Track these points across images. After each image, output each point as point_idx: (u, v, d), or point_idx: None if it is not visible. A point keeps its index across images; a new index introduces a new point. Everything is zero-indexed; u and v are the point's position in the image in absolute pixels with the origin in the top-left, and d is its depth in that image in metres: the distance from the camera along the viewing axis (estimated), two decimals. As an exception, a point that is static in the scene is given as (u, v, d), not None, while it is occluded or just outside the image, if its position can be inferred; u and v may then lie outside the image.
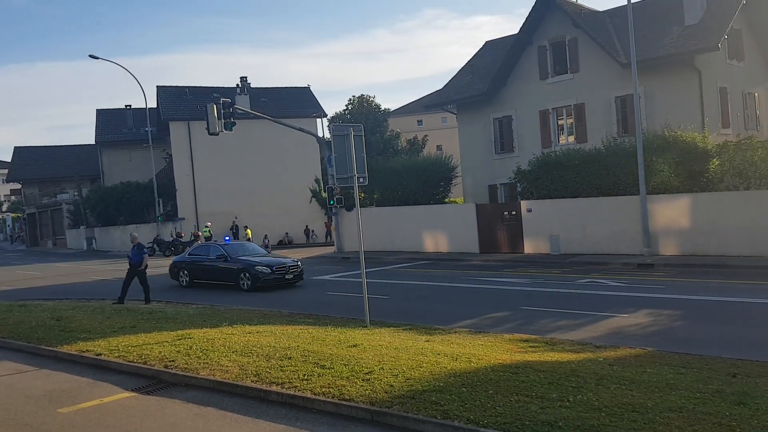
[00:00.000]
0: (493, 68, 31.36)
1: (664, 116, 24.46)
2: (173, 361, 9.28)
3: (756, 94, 29.07)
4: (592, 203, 23.12)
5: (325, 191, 31.71)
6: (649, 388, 7.11)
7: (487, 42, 35.83)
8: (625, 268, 20.04)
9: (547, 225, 24.30)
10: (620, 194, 22.56)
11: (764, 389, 7.05)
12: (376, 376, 7.84)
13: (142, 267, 16.78)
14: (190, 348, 9.96)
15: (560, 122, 29.48)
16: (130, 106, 51.09)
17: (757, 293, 14.16)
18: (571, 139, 28.70)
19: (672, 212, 21.33)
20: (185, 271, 21.45)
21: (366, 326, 11.69)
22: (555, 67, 29.19)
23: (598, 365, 8.31)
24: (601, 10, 30.44)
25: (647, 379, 7.52)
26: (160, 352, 9.82)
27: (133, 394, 8.43)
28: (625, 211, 22.12)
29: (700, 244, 20.55)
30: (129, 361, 9.60)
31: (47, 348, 10.99)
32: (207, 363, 9.03)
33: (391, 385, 7.43)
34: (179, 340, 10.69)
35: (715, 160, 21.67)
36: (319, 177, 37.81)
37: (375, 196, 32.79)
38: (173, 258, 25.07)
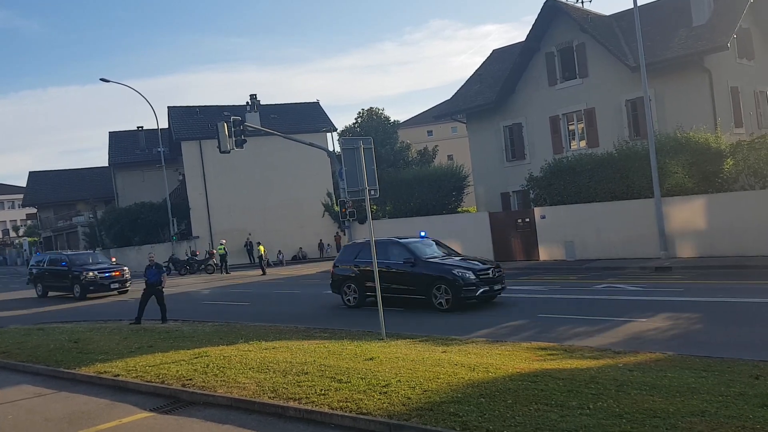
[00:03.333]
0: (501, 76, 31.41)
1: (676, 118, 24.33)
2: (191, 379, 9.29)
3: (768, 93, 28.84)
4: (607, 208, 22.98)
5: (337, 205, 31.80)
6: (670, 392, 7.01)
7: (494, 50, 35.90)
8: (642, 271, 19.86)
9: (561, 231, 24.17)
10: (634, 198, 22.43)
11: (788, 391, 6.92)
12: (393, 388, 7.80)
13: (161, 286, 16.87)
14: (207, 366, 9.96)
15: (571, 128, 29.40)
16: (142, 127, 51.60)
17: (778, 293, 13.97)
18: (583, 144, 28.61)
19: (688, 214, 21.15)
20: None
21: (382, 339, 11.64)
22: (564, 72, 29.16)
23: (618, 371, 8.21)
24: (607, 14, 30.43)
25: (668, 383, 7.41)
26: (177, 371, 9.83)
27: (152, 414, 8.43)
28: (640, 215, 21.96)
29: (718, 245, 20.35)
30: (147, 381, 9.61)
31: (66, 370, 11.03)
32: (224, 381, 9.02)
33: (409, 398, 7.38)
34: (196, 358, 10.70)
35: (729, 160, 21.49)
36: (331, 191, 37.91)
37: (387, 207, 32.81)
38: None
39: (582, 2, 30.78)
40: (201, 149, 42.59)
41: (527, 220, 25.48)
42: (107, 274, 26.10)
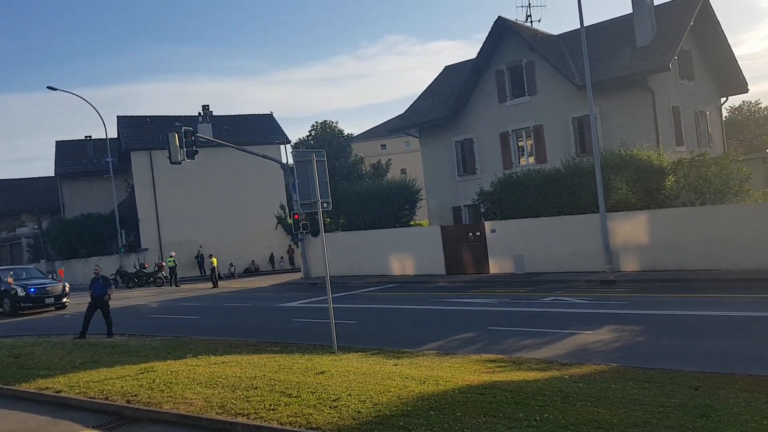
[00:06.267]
0: (453, 92, 31.85)
1: (620, 135, 25.08)
2: (136, 395, 9.09)
3: (707, 113, 30.01)
4: (554, 222, 23.45)
5: (290, 217, 31.61)
6: (613, 404, 7.18)
7: (446, 67, 36.38)
8: (588, 285, 20.31)
9: (511, 245, 24.55)
10: (581, 213, 22.93)
11: (726, 401, 7.17)
12: (343, 402, 7.79)
13: (106, 299, 16.45)
14: (154, 381, 9.76)
15: (520, 144, 29.99)
16: (90, 136, 50.39)
17: (716, 306, 14.48)
18: (532, 160, 29.20)
19: (631, 229, 21.74)
20: None
21: (334, 352, 11.62)
22: (513, 90, 29.77)
23: (564, 383, 8.37)
24: (555, 34, 31.22)
25: (612, 395, 7.59)
26: (122, 387, 9.60)
27: (95, 431, 8.21)
28: (586, 229, 22.47)
29: (660, 259, 20.97)
30: (90, 398, 9.36)
31: (5, 387, 10.64)
32: (171, 396, 8.85)
33: (359, 412, 7.38)
34: (142, 373, 10.48)
35: (670, 177, 22.24)
36: (285, 203, 37.69)
37: (341, 220, 32.80)
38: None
39: (531, 22, 31.64)
40: (151, 160, 41.83)
41: (478, 233, 25.81)
42: None
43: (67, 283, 25.77)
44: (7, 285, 24.23)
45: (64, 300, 24.83)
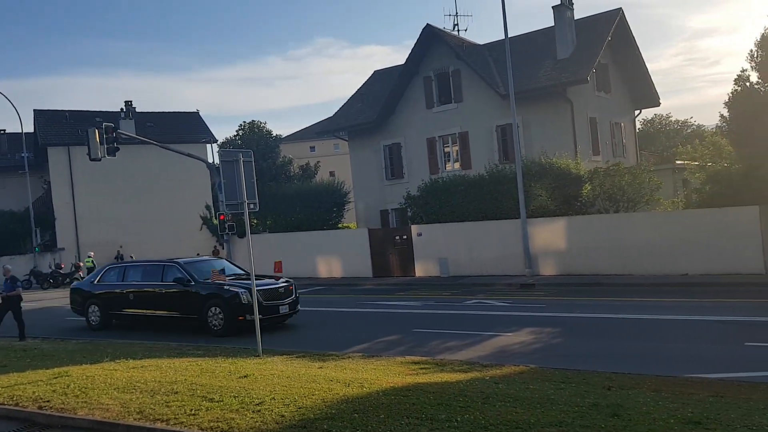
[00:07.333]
0: (382, 97, 32.12)
1: (541, 144, 25.93)
2: (48, 401, 8.74)
3: (622, 124, 31.42)
4: (478, 227, 23.98)
5: (216, 218, 31.05)
6: (531, 404, 7.39)
7: (375, 71, 36.63)
8: (509, 288, 20.89)
9: (436, 248, 24.94)
10: (503, 218, 23.54)
11: (636, 400, 7.48)
12: (267, 406, 7.74)
13: (15, 295, 15.72)
14: (68, 386, 9.41)
15: (446, 149, 30.54)
16: (4, 130, 47.99)
17: (628, 309, 15.18)
18: (457, 165, 29.78)
19: (550, 234, 22.50)
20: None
21: (258, 355, 11.51)
22: (440, 96, 30.29)
23: (485, 384, 8.57)
24: (481, 43, 31.96)
25: (530, 395, 7.81)
26: (33, 393, 9.21)
27: (4, 440, 7.86)
28: (508, 234, 23.10)
29: (576, 264, 21.80)
30: (-1, 404, 8.94)
31: None
32: (86, 402, 8.56)
33: (283, 416, 7.36)
34: (56, 378, 10.08)
35: (587, 185, 23.16)
36: (210, 204, 36.98)
37: (268, 222, 32.50)
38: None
39: (458, 31, 32.37)
40: (69, 156, 40.13)
41: (404, 237, 26.10)
42: None
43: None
44: (214, 287, 15.31)
45: (298, 307, 16.76)
